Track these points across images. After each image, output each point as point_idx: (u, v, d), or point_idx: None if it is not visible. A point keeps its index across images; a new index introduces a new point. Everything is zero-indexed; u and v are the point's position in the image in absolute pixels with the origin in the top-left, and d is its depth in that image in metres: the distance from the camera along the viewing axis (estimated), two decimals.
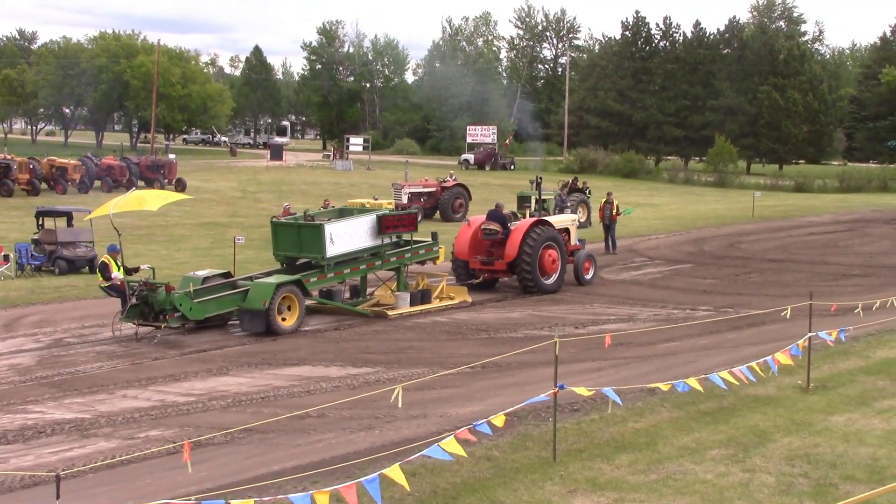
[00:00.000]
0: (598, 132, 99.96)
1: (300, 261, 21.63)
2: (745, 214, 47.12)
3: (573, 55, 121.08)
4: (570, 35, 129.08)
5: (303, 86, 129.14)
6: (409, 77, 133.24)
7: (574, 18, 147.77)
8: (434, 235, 24.21)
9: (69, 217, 28.92)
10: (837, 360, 16.87)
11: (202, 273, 20.63)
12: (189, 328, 19.57)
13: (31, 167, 47.88)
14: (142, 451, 11.81)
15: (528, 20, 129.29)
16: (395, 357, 17.58)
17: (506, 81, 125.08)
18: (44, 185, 48.31)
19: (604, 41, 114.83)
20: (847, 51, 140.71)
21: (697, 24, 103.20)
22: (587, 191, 42.44)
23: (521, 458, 11.59)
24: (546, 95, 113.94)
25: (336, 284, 22.04)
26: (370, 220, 21.96)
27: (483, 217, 25.55)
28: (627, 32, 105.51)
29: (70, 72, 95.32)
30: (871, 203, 57.44)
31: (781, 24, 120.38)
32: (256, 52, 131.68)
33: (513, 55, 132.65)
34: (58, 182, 48.58)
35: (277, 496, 8.95)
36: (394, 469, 8.90)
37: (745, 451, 11.83)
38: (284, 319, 19.55)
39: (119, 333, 19.06)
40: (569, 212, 28.76)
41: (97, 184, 50.80)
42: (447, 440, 9.65)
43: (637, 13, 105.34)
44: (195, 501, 8.49)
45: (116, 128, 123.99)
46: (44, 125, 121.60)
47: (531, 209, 26.65)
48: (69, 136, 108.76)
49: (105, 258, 19.65)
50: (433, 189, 43.52)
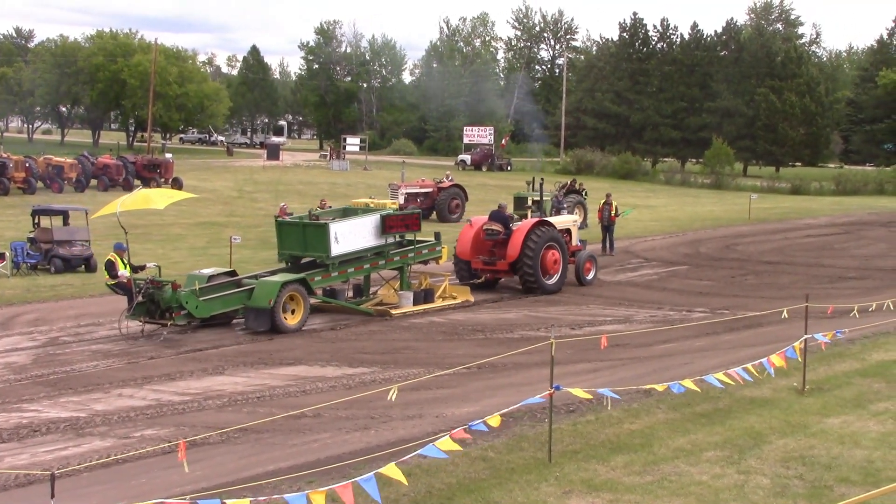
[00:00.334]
0: (595, 133, 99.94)
1: (304, 260, 21.77)
2: (742, 216, 47.13)
3: (570, 56, 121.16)
4: (568, 36, 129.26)
5: (300, 85, 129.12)
6: (407, 77, 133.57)
7: (571, 19, 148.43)
8: (437, 235, 24.33)
9: (65, 216, 28.87)
10: (833, 363, 16.87)
11: (207, 271, 20.75)
12: (194, 326, 19.64)
13: (28, 166, 47.75)
14: (137, 451, 11.80)
15: (526, 21, 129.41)
16: (391, 357, 17.57)
17: (503, 82, 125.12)
18: (40, 184, 48.12)
19: (601, 42, 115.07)
20: (844, 53, 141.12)
21: (695, 26, 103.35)
22: (584, 192, 42.44)
23: (517, 459, 11.57)
24: (543, 97, 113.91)
25: (339, 283, 22.19)
26: (374, 220, 22.10)
27: (485, 217, 25.63)
28: (625, 34, 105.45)
29: (67, 70, 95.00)
30: (868, 206, 57.49)
31: (779, 27, 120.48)
32: (254, 52, 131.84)
33: (510, 56, 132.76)
34: (54, 181, 48.42)
35: (273, 496, 8.94)
36: (390, 467, 8.92)
37: (741, 453, 11.83)
38: (289, 318, 19.67)
39: (126, 331, 19.14)
40: (565, 213, 28.81)
41: (93, 183, 50.77)
42: (442, 440, 9.66)
43: (635, 15, 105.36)
44: (190, 501, 8.47)
45: (113, 127, 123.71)
46: (40, 124, 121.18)
47: (533, 210, 26.74)
48: (66, 135, 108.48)
49: (112, 256, 19.68)
50: (430, 189, 43.46)
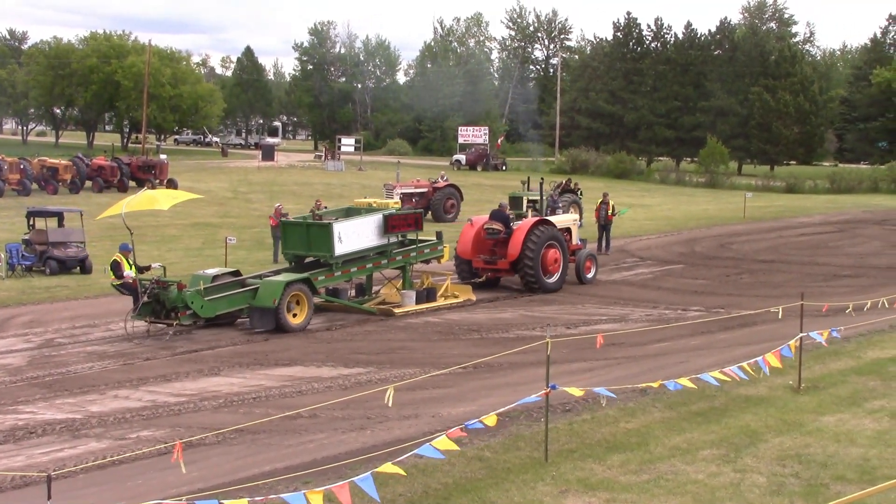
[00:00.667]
0: (590, 133, 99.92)
1: (308, 259, 21.89)
2: (737, 215, 47.19)
3: (564, 56, 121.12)
4: (562, 36, 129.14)
5: (294, 86, 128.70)
6: (401, 78, 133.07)
7: (566, 19, 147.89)
8: (439, 235, 24.47)
9: (60, 217, 28.82)
10: (828, 361, 16.90)
11: (212, 271, 20.88)
12: (199, 325, 19.73)
13: (22, 167, 47.59)
14: (133, 452, 11.80)
15: (520, 21, 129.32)
16: (387, 357, 17.57)
17: (497, 82, 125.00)
18: (35, 186, 48.01)
19: (595, 42, 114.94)
20: (838, 52, 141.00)
21: (689, 26, 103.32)
22: (579, 192, 42.42)
23: (513, 459, 11.58)
24: (538, 96, 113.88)
25: (342, 283, 22.32)
26: (377, 220, 22.22)
27: (486, 217, 25.68)
28: (619, 33, 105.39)
29: (61, 72, 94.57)
30: (862, 204, 57.55)
31: (772, 26, 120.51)
32: (248, 53, 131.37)
33: (504, 56, 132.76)
34: (48, 182, 48.31)
35: (270, 496, 8.93)
36: (386, 466, 8.96)
37: (737, 452, 11.85)
38: (294, 317, 19.79)
39: (131, 331, 19.20)
40: (560, 212, 28.84)
41: (88, 184, 50.56)
42: (439, 440, 9.66)
43: (628, 14, 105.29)
44: (187, 502, 8.47)
45: (107, 128, 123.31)
46: (34, 125, 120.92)
47: (534, 209, 26.83)
48: (60, 137, 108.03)
49: (117, 257, 19.74)
50: (425, 189, 43.41)
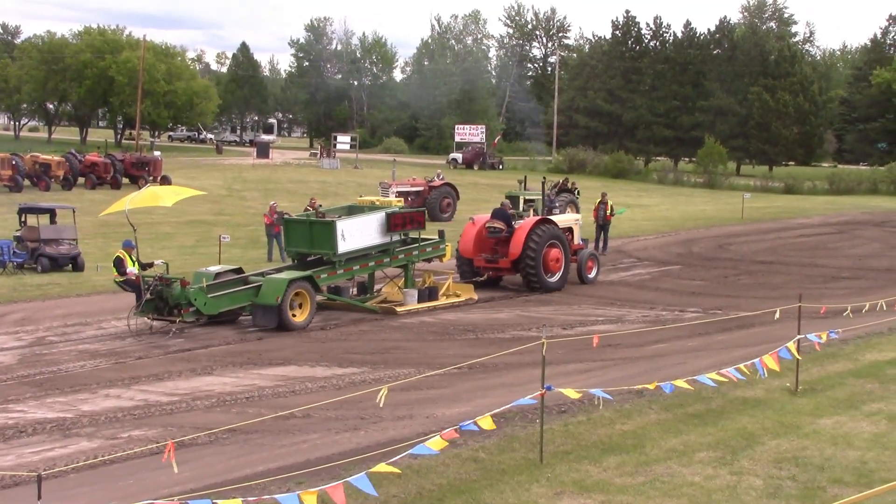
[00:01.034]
0: (588, 132, 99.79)
1: (311, 257, 21.92)
2: (735, 216, 47.13)
3: (563, 54, 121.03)
4: (560, 34, 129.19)
5: (290, 83, 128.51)
6: (398, 75, 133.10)
7: (564, 17, 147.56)
8: (441, 233, 24.50)
9: (52, 214, 28.69)
10: (826, 363, 16.84)
11: (214, 269, 20.97)
12: (202, 323, 19.74)
13: (14, 163, 47.21)
14: (124, 452, 11.73)
15: (518, 19, 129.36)
16: (381, 357, 17.49)
17: (495, 80, 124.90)
18: (27, 182, 47.63)
19: (594, 40, 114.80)
20: (838, 52, 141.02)
21: (688, 24, 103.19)
22: (576, 191, 42.31)
23: (508, 460, 11.52)
24: (535, 95, 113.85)
25: (344, 281, 22.36)
26: (380, 218, 22.24)
27: (488, 215, 25.64)
28: (617, 32, 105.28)
29: (54, 67, 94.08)
30: (861, 205, 57.48)
31: (772, 25, 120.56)
32: (243, 49, 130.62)
33: (502, 54, 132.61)
34: (41, 179, 47.95)
35: (262, 496, 8.85)
36: (380, 467, 8.96)
37: (733, 454, 11.78)
38: (296, 315, 19.81)
39: (134, 328, 19.21)
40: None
41: (81, 181, 50.32)
42: (433, 440, 9.61)
43: (627, 13, 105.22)
44: (179, 502, 8.39)
45: (101, 124, 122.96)
46: (27, 121, 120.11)
47: (535, 209, 26.81)
48: (53, 133, 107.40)
49: (120, 253, 19.69)
50: (421, 188, 43.29)
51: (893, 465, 11.42)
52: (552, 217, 26.26)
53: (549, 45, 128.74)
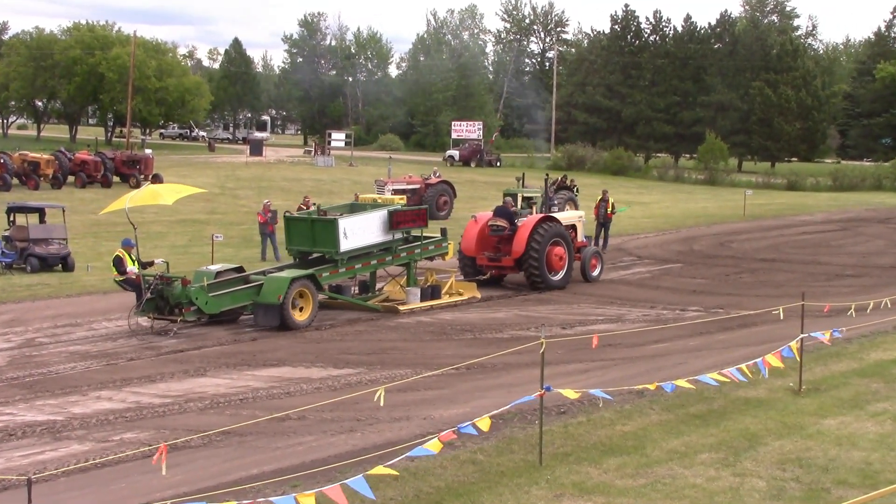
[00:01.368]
0: (587, 128, 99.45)
1: (312, 256, 21.87)
2: (736, 213, 47.02)
3: (561, 49, 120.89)
4: (558, 29, 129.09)
5: (283, 79, 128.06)
6: (393, 71, 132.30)
7: (562, 12, 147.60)
8: (443, 231, 24.45)
9: (41, 213, 28.45)
10: (830, 362, 16.73)
11: (215, 267, 20.91)
12: (203, 322, 19.69)
13: (2, 162, 46.72)
14: (116, 455, 11.67)
15: (515, 13, 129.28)
16: (378, 358, 17.38)
17: (492, 76, 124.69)
18: (15, 181, 47.15)
19: (592, 35, 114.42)
20: (841, 46, 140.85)
21: (688, 19, 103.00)
22: (575, 189, 42.17)
23: (507, 462, 11.44)
24: (533, 90, 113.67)
25: (345, 279, 22.32)
26: (382, 216, 22.19)
27: (490, 213, 25.48)
28: (617, 26, 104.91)
29: (43, 64, 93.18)
30: (865, 202, 57.42)
31: (774, 19, 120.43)
32: (236, 45, 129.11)
33: (499, 49, 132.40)
34: (30, 177, 47.48)
35: (257, 499, 8.70)
36: (377, 469, 8.94)
37: (736, 455, 11.69)
38: (298, 314, 19.76)
39: (135, 327, 19.18)
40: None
41: (71, 179, 49.94)
42: (431, 443, 9.56)
43: (626, 7, 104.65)
44: None
45: (91, 122, 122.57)
46: (15, 118, 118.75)
47: (538, 206, 26.68)
48: (42, 130, 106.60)
49: (120, 252, 19.65)
50: (417, 186, 43.04)
51: None
52: (557, 215, 26.12)
53: (547, 40, 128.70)
